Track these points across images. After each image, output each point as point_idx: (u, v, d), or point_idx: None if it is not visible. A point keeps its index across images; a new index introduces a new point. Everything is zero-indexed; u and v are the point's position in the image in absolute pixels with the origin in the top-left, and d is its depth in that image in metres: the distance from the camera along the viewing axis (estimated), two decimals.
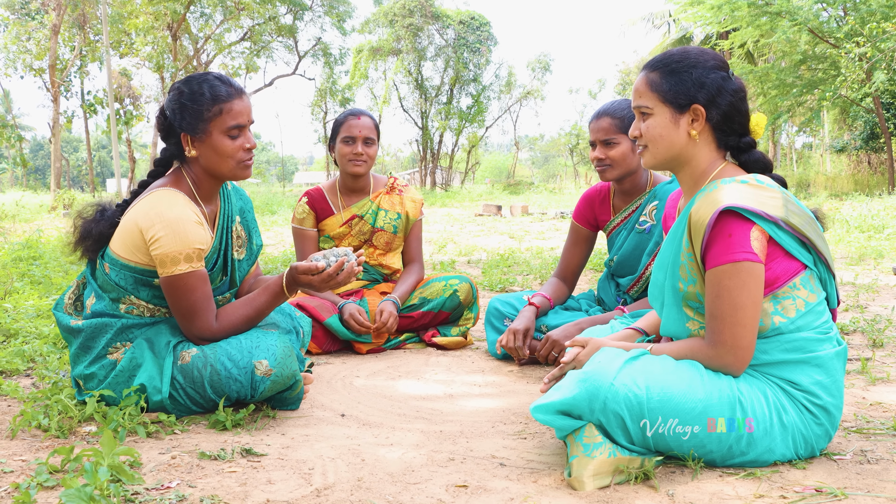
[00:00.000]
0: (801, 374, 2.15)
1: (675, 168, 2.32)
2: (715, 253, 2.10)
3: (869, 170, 26.57)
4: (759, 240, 2.09)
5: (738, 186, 2.13)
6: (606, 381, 2.04)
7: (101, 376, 2.68)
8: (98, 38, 28.10)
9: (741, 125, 2.27)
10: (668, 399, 2.04)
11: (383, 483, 2.08)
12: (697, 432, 2.07)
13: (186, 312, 2.67)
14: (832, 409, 2.18)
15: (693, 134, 2.23)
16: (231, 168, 2.77)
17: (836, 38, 19.48)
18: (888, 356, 3.58)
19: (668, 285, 2.30)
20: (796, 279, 2.14)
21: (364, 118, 4.08)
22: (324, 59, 38.03)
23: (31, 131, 68.95)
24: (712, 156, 2.27)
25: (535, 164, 74.65)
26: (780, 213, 2.11)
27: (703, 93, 2.21)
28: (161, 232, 2.61)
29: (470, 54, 37.74)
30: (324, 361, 3.74)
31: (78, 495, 1.66)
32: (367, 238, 4.20)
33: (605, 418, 2.04)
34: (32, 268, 6.16)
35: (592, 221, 3.83)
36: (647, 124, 2.29)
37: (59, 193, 22.04)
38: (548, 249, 9.70)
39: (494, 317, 3.85)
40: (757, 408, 2.10)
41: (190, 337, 2.72)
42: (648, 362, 2.13)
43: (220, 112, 2.71)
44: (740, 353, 2.11)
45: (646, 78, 2.30)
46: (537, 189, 37.71)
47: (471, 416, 2.80)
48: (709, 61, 2.25)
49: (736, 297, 2.08)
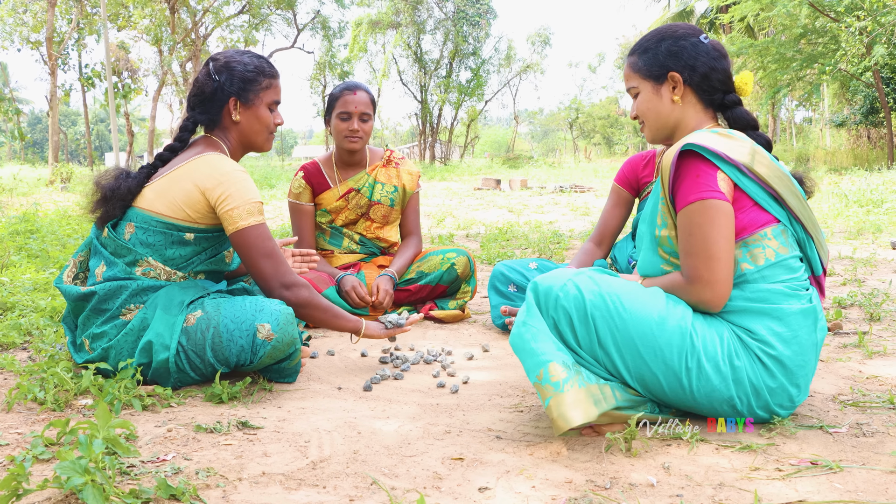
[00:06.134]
0: (758, 324, 2.16)
1: (671, 135, 2.44)
2: (683, 193, 2.18)
3: (868, 144, 26.52)
4: (724, 181, 2.16)
5: (705, 133, 2.24)
6: (562, 280, 2.18)
7: (111, 335, 2.69)
8: (95, 11, 27.94)
9: (722, 83, 2.37)
10: (619, 310, 2.13)
11: (379, 456, 2.08)
12: (644, 352, 2.11)
13: (269, 260, 2.76)
14: (788, 362, 2.16)
15: (675, 99, 2.37)
16: (264, 138, 2.99)
17: (836, 11, 19.34)
18: (885, 330, 3.58)
19: (648, 232, 2.38)
20: (767, 229, 2.19)
21: (360, 93, 4.05)
22: (322, 32, 37.90)
23: (29, 105, 68.77)
24: (699, 116, 2.39)
25: (534, 139, 74.59)
26: (744, 160, 2.17)
27: (676, 60, 2.36)
28: (231, 188, 2.72)
29: (469, 27, 37.54)
30: (321, 335, 3.74)
31: (73, 468, 1.65)
32: (363, 211, 4.19)
33: (557, 316, 2.16)
34: (30, 241, 6.14)
35: (634, 184, 3.87)
36: (637, 101, 2.47)
37: (56, 167, 21.98)
38: (546, 223, 9.69)
39: (500, 281, 3.83)
40: (709, 345, 2.13)
41: (276, 289, 2.78)
42: (610, 277, 2.23)
43: (270, 86, 2.93)
44: (718, 287, 2.15)
45: (628, 63, 2.48)
46: (536, 163, 37.70)
47: (467, 389, 2.81)
48: (677, 31, 2.40)
49: (707, 232, 2.13)
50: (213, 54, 2.90)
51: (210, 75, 2.87)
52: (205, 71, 2.90)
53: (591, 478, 1.91)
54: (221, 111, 2.89)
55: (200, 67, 3.02)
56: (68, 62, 31.21)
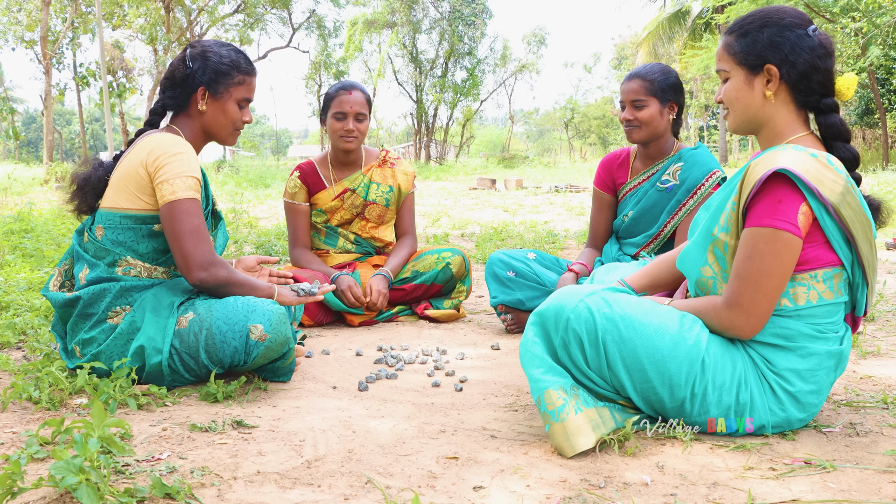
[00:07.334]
0: (780, 358, 2.14)
1: (755, 130, 2.27)
2: (758, 213, 2.05)
3: (863, 145, 26.55)
4: (805, 215, 2.03)
5: (804, 156, 2.06)
6: (574, 300, 2.12)
7: (100, 340, 2.68)
8: (90, 10, 27.85)
9: (822, 84, 2.18)
10: (631, 334, 2.08)
11: (374, 455, 2.08)
12: (652, 376, 2.09)
13: (190, 237, 2.66)
14: (803, 398, 2.15)
15: (768, 94, 2.18)
16: (228, 133, 2.96)
17: (831, 12, 19.37)
18: (879, 330, 3.59)
19: (705, 225, 2.25)
20: (820, 271, 2.09)
21: (355, 92, 4.04)
22: (318, 31, 37.80)
23: (24, 104, 68.46)
24: (791, 118, 2.21)
25: (529, 138, 74.58)
26: (833, 199, 2.03)
27: (776, 52, 2.15)
28: (166, 160, 2.70)
29: (465, 27, 37.52)
30: (316, 334, 3.74)
31: (68, 467, 1.65)
32: (359, 211, 4.18)
33: (567, 337, 2.11)
34: (24, 241, 6.13)
35: (611, 186, 3.83)
36: (726, 87, 2.27)
37: (51, 166, 21.91)
38: (541, 223, 9.69)
39: (498, 267, 3.81)
40: (719, 374, 2.11)
41: (194, 270, 2.67)
42: (623, 297, 2.16)
43: (243, 82, 2.91)
44: (753, 320, 2.09)
45: (723, 42, 2.27)
46: (532, 163, 37.74)
47: (462, 388, 2.81)
48: (784, 19, 2.17)
49: (767, 263, 2.03)
50: (192, 41, 2.89)
51: (185, 61, 2.87)
52: (181, 56, 2.90)
53: (586, 477, 1.92)
54: (189, 99, 2.88)
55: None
56: (63, 61, 31.10)
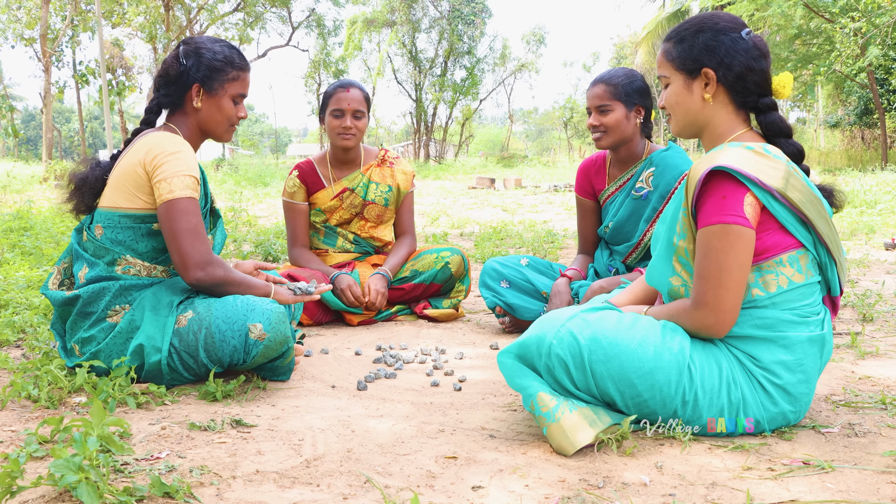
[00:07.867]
0: (764, 351, 2.14)
1: (698, 133, 2.33)
2: (706, 212, 2.10)
3: (862, 145, 26.59)
4: (752, 206, 2.07)
5: (740, 151, 2.12)
6: (555, 326, 2.12)
7: (99, 338, 2.68)
8: (90, 8, 27.81)
9: (758, 85, 2.23)
10: (616, 351, 2.08)
11: (373, 454, 2.08)
12: (642, 390, 2.09)
13: (188, 236, 2.65)
14: (792, 389, 2.16)
15: (707, 97, 2.24)
16: (223, 129, 2.93)
17: (831, 12, 19.39)
18: (878, 330, 3.59)
19: (664, 237, 2.29)
20: (783, 255, 2.12)
21: (353, 90, 4.04)
22: (317, 30, 37.82)
23: (23, 101, 68.50)
24: (730, 118, 2.26)
25: (528, 138, 74.52)
26: (777, 184, 2.07)
27: (711, 56, 2.21)
28: (164, 159, 2.68)
29: (464, 26, 37.51)
30: (315, 333, 3.74)
31: (67, 465, 1.65)
32: (358, 211, 4.18)
33: (551, 363, 2.11)
34: (23, 239, 6.13)
35: (591, 191, 3.83)
36: (667, 92, 2.33)
37: (50, 164, 21.88)
38: (540, 222, 9.70)
39: (491, 277, 3.81)
40: (706, 379, 2.12)
41: (191, 269, 2.66)
42: (603, 316, 2.17)
43: (237, 78, 2.90)
44: (722, 316, 2.11)
45: (662, 49, 2.33)
46: (531, 162, 37.68)
47: (461, 387, 2.81)
48: (718, 24, 2.23)
49: (723, 258, 2.07)
50: (186, 38, 2.88)
51: (178, 58, 2.85)
52: (174, 53, 2.88)
53: (584, 477, 1.92)
54: (184, 96, 2.86)
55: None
56: (62, 59, 31.06)
